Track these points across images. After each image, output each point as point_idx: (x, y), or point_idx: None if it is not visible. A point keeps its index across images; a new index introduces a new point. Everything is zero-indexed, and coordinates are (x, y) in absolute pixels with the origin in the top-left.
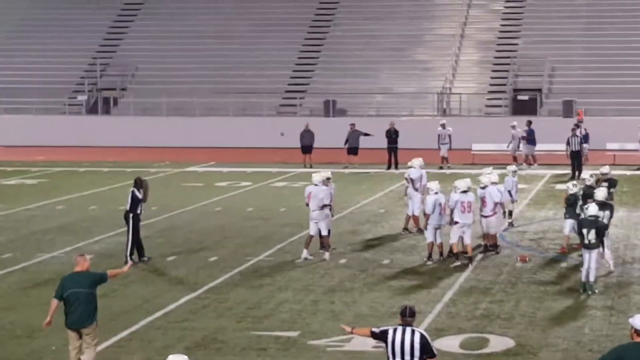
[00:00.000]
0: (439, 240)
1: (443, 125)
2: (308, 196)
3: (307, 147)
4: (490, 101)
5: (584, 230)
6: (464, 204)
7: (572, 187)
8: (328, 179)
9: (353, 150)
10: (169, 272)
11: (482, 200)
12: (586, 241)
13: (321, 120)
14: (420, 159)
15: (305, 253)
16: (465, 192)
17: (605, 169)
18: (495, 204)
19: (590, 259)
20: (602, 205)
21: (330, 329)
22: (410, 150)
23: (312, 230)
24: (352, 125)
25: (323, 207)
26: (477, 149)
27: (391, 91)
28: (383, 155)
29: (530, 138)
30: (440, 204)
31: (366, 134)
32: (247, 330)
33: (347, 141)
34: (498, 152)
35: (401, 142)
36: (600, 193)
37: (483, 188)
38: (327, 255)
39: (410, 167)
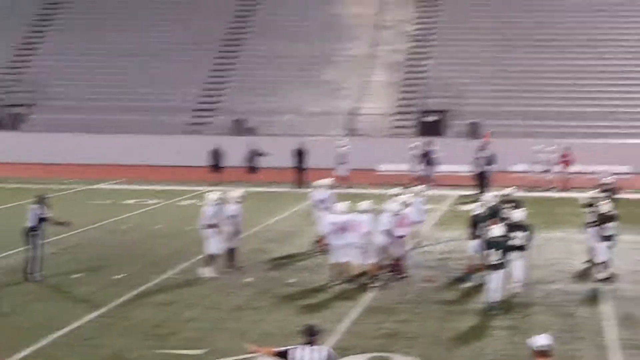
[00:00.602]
0: (344, 260)
1: (342, 145)
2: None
3: (217, 166)
4: (398, 122)
5: (489, 251)
6: (348, 225)
7: (478, 208)
8: (220, 198)
9: (252, 169)
10: (75, 289)
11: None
12: (491, 262)
13: (231, 139)
14: (328, 179)
15: (208, 271)
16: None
17: (509, 190)
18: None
19: (495, 279)
20: (518, 227)
21: (236, 347)
22: (319, 170)
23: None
24: (251, 144)
25: (209, 226)
26: (383, 169)
27: (300, 110)
28: (291, 174)
29: (429, 158)
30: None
31: (261, 154)
32: (153, 349)
33: (247, 160)
34: (404, 172)
35: (310, 162)
36: (517, 214)
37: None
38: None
39: (315, 187)
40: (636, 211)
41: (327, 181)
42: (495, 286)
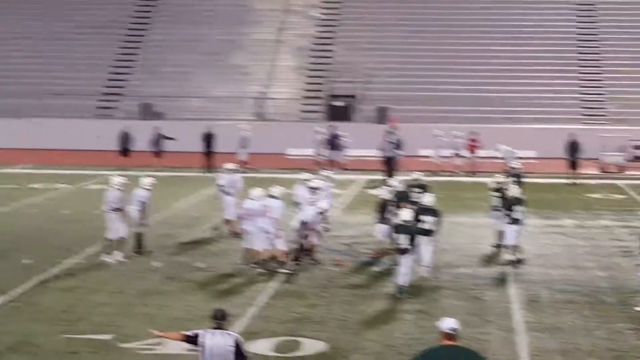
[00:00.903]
0: (257, 245)
1: (244, 130)
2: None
3: (125, 150)
4: (306, 106)
5: (398, 235)
6: (252, 212)
7: (386, 193)
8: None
9: (157, 153)
10: None
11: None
12: (399, 246)
13: (137, 123)
14: (232, 164)
15: (114, 256)
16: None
17: (416, 175)
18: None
19: (403, 263)
20: (427, 211)
21: (143, 332)
22: (227, 154)
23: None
24: (157, 128)
25: (112, 209)
26: (292, 153)
27: (208, 95)
28: (199, 159)
29: (335, 143)
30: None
31: (169, 138)
32: (60, 334)
33: (152, 144)
34: (312, 157)
35: (218, 146)
36: (426, 199)
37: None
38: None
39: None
40: (542, 196)
41: (231, 166)
42: (404, 270)
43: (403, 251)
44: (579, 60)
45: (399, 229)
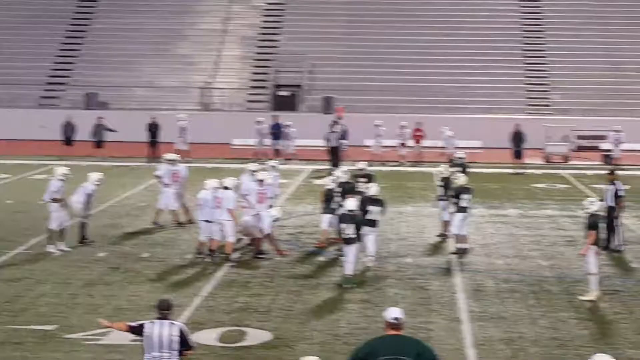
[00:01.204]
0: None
1: (181, 120)
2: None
3: (69, 139)
4: (252, 96)
5: (343, 225)
6: (204, 202)
7: (330, 183)
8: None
9: (98, 143)
10: None
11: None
12: (345, 236)
13: (82, 112)
14: (173, 154)
15: (61, 246)
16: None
17: (362, 165)
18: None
19: (349, 253)
20: (372, 201)
21: (88, 322)
22: (169, 144)
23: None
24: (99, 119)
25: (53, 200)
26: (238, 143)
27: (154, 85)
28: (144, 149)
29: (275, 133)
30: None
31: (110, 129)
32: (4, 324)
33: (93, 134)
34: (255, 147)
35: (163, 136)
36: (372, 188)
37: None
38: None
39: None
40: (487, 185)
41: (170, 156)
42: (350, 260)
43: (349, 241)
44: (523, 51)
45: (345, 218)
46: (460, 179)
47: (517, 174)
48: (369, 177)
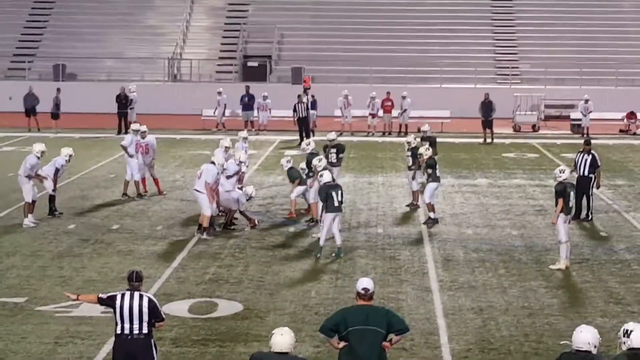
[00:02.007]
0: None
1: (131, 92)
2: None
3: (30, 110)
4: (221, 67)
5: (319, 196)
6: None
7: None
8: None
9: (55, 115)
10: None
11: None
12: (336, 204)
13: (51, 84)
14: (139, 125)
15: (29, 219)
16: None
17: (332, 135)
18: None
19: (323, 224)
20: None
21: (58, 294)
22: (141, 116)
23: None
24: (57, 90)
25: (28, 176)
26: (208, 114)
27: (122, 56)
28: (114, 120)
29: (247, 104)
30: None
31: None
32: None
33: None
34: (227, 118)
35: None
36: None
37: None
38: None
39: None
40: (456, 155)
41: (136, 127)
42: (322, 231)
43: (338, 209)
44: (492, 20)
45: (323, 189)
46: (426, 151)
47: (486, 143)
48: (339, 147)
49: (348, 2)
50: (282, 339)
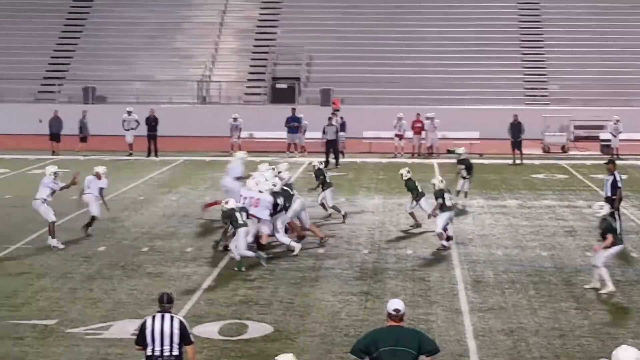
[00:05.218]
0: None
1: (129, 112)
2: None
3: (56, 134)
4: (250, 89)
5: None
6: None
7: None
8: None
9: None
10: None
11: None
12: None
13: (80, 107)
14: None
15: (54, 241)
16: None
17: (461, 150)
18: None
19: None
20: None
21: (88, 316)
22: (170, 138)
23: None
24: (84, 112)
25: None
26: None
27: (151, 78)
28: (143, 143)
29: (292, 126)
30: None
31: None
32: (4, 319)
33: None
34: (248, 139)
35: (161, 130)
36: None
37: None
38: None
39: None
40: (486, 176)
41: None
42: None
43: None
44: (521, 41)
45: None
46: (439, 184)
47: (515, 164)
48: (467, 164)
49: (376, 24)
50: None
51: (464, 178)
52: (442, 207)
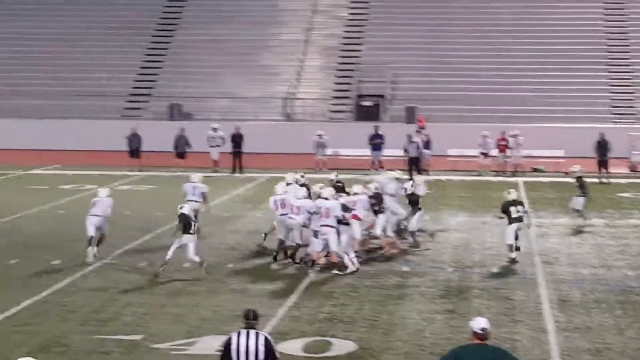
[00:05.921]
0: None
1: (214, 129)
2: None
3: (135, 151)
4: (335, 106)
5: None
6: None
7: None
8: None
9: (181, 154)
10: (11, 275)
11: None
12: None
13: (166, 124)
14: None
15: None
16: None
17: (576, 167)
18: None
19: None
20: None
21: (174, 332)
22: (255, 155)
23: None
24: (181, 129)
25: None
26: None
27: (236, 95)
28: (228, 160)
29: (376, 143)
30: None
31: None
32: (91, 334)
33: (176, 146)
34: (332, 157)
35: (246, 147)
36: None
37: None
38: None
39: None
40: (571, 195)
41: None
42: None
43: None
44: (608, 59)
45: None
46: (512, 194)
47: (602, 183)
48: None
49: (461, 42)
50: None
51: (579, 196)
52: (510, 220)
